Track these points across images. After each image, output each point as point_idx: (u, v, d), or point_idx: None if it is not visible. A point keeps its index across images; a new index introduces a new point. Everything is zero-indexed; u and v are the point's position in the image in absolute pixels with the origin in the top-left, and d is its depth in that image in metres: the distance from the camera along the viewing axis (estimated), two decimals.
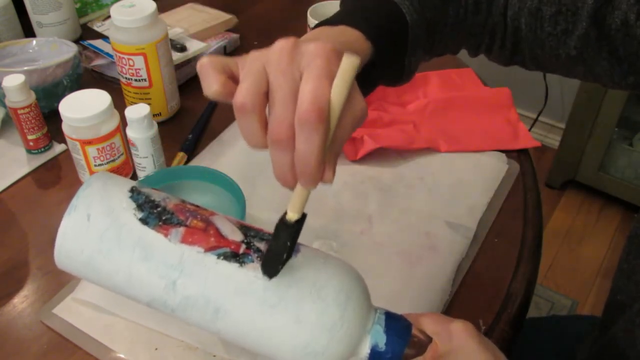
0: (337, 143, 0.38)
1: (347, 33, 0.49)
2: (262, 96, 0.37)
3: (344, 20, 0.50)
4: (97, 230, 0.42)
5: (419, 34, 0.54)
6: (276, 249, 0.40)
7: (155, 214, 0.43)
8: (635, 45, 0.52)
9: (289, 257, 0.40)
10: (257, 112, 0.37)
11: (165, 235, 0.42)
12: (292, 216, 0.39)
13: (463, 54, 0.65)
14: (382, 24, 0.51)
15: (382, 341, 0.42)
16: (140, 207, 0.43)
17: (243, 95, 0.36)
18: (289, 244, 0.39)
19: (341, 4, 0.56)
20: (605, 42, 0.53)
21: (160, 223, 0.42)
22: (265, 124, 0.37)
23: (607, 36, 0.53)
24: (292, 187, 0.38)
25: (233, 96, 0.37)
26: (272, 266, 0.40)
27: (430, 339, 0.44)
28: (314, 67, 0.36)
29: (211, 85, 0.37)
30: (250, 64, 0.38)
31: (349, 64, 0.36)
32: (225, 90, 0.37)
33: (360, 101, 0.38)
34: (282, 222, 0.39)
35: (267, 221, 0.40)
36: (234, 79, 0.38)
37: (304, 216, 0.39)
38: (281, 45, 0.38)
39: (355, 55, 0.36)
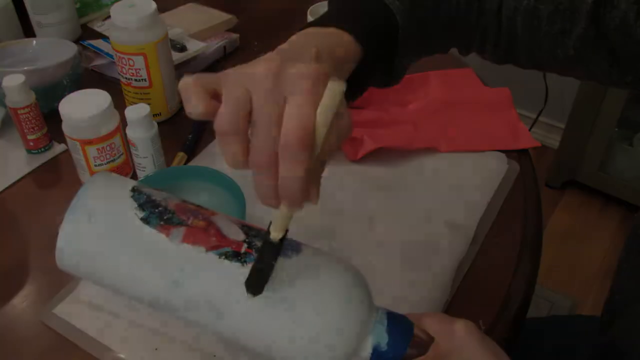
0: (321, 163, 0.37)
1: (336, 35, 0.48)
2: (244, 119, 0.36)
3: (332, 21, 0.49)
4: (98, 230, 0.42)
5: (410, 35, 0.53)
6: (263, 269, 0.39)
7: (156, 214, 0.43)
8: (634, 45, 0.51)
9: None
10: (239, 135, 0.36)
11: (167, 235, 0.42)
12: (277, 235, 0.39)
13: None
14: (371, 25, 0.50)
15: (384, 341, 0.42)
16: (141, 206, 0.43)
17: (225, 120, 0.36)
18: (274, 263, 0.39)
19: (329, 4, 0.55)
20: (604, 42, 0.53)
21: (161, 223, 0.42)
22: (247, 147, 0.37)
23: (605, 36, 0.52)
24: (275, 208, 0.38)
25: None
26: (257, 285, 0.40)
27: (432, 339, 0.44)
28: (299, 92, 0.35)
29: (197, 106, 0.37)
30: (233, 86, 0.37)
31: (334, 90, 0.35)
32: (210, 111, 0.37)
33: (346, 117, 0.38)
34: (267, 243, 0.39)
35: (267, 221, 0.40)
36: (217, 97, 0.38)
37: (286, 232, 0.39)
38: (266, 67, 0.37)
39: (341, 81, 0.35)
